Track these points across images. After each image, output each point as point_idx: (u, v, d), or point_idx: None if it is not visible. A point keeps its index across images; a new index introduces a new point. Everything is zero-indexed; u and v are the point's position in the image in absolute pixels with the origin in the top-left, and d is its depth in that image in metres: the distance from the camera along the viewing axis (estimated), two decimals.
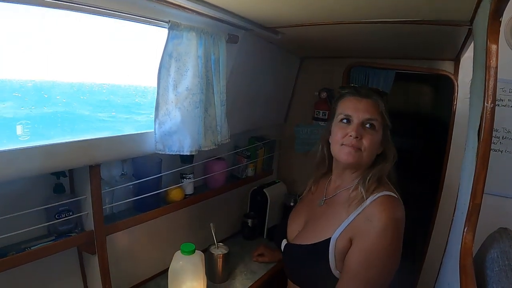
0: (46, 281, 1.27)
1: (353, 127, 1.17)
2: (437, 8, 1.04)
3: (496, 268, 0.89)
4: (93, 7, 0.99)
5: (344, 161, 1.19)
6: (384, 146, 1.23)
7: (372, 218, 1.08)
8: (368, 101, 1.20)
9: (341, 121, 1.22)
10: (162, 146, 1.35)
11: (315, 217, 1.28)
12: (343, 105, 1.24)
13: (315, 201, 1.35)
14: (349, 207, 1.16)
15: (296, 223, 1.35)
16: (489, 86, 0.81)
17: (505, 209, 1.79)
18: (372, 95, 1.22)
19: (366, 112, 1.18)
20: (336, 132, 1.22)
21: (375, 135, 1.18)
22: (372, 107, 1.19)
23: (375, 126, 1.18)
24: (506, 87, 1.78)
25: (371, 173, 1.18)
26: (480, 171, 0.84)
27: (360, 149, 1.16)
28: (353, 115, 1.18)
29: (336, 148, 1.22)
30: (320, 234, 1.17)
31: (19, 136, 1.05)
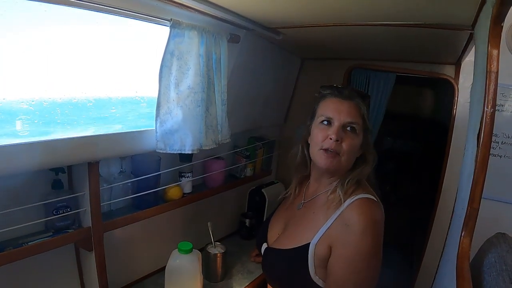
0: (42, 276, 1.27)
1: (334, 129, 1.13)
2: (439, 11, 1.04)
3: (493, 273, 0.89)
4: (95, 4, 0.99)
5: (322, 166, 1.16)
6: (364, 150, 1.20)
7: (349, 222, 1.06)
8: (350, 103, 1.17)
9: (321, 123, 1.18)
10: (163, 144, 1.34)
11: (294, 221, 1.26)
12: (324, 106, 1.21)
13: (295, 205, 1.32)
14: (327, 210, 1.13)
15: (276, 227, 1.32)
16: (490, 91, 0.81)
17: (503, 214, 1.80)
18: (355, 97, 1.18)
19: (348, 115, 1.14)
20: (316, 134, 1.18)
21: (356, 139, 1.15)
22: (354, 110, 1.16)
23: (356, 130, 1.15)
24: (506, 92, 1.79)
25: (350, 176, 1.15)
26: (479, 175, 0.84)
27: (339, 154, 1.13)
28: (334, 117, 1.15)
29: (314, 151, 1.19)
30: (299, 238, 1.15)
31: (18, 132, 1.05)
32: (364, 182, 1.17)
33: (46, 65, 1.10)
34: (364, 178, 1.18)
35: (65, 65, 1.15)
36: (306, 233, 1.14)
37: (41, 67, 1.09)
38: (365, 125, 1.18)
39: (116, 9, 1.05)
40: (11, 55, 1.01)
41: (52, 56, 1.10)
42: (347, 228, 1.06)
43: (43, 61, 1.09)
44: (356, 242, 1.04)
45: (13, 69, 1.03)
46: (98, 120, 1.36)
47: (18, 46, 1.02)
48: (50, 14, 0.98)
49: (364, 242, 1.04)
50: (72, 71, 1.18)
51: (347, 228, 1.06)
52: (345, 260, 1.05)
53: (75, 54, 1.16)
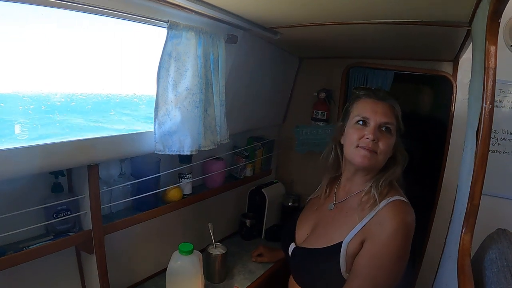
0: (44, 280, 1.27)
1: (370, 129, 1.15)
2: (436, 9, 1.04)
3: (494, 269, 0.90)
4: (92, 6, 0.98)
5: (359, 163, 1.17)
6: (396, 150, 1.22)
7: (384, 222, 1.08)
8: (385, 104, 1.19)
9: (357, 123, 1.20)
10: (162, 146, 1.34)
11: (325, 221, 1.27)
12: (359, 106, 1.22)
13: (325, 205, 1.33)
14: (361, 212, 1.15)
15: (304, 227, 1.33)
16: (488, 87, 0.82)
17: (503, 210, 1.80)
18: (389, 98, 1.21)
19: (384, 116, 1.17)
20: (351, 133, 1.20)
21: (391, 139, 1.17)
22: (389, 110, 1.19)
23: (391, 130, 1.18)
24: (504, 88, 1.79)
25: (384, 177, 1.17)
26: (479, 172, 0.84)
27: (376, 152, 1.15)
28: (371, 117, 1.17)
29: (350, 149, 1.20)
30: (331, 238, 1.17)
31: (17, 135, 1.04)
32: (395, 184, 1.19)
33: (45, 64, 1.10)
34: (396, 179, 1.20)
35: (64, 64, 1.16)
36: (339, 232, 1.16)
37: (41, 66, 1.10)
38: (399, 126, 1.20)
39: (113, 11, 1.04)
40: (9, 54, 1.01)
41: (50, 56, 1.11)
42: (381, 227, 1.08)
43: (41, 60, 1.09)
44: (386, 240, 1.06)
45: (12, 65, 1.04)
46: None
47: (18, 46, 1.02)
48: (47, 15, 0.98)
49: (394, 242, 1.06)
50: (72, 70, 1.19)
51: (380, 227, 1.08)
52: (372, 255, 1.07)
53: (73, 54, 1.17)
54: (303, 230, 1.33)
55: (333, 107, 2.27)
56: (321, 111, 2.23)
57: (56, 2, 0.91)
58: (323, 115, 2.23)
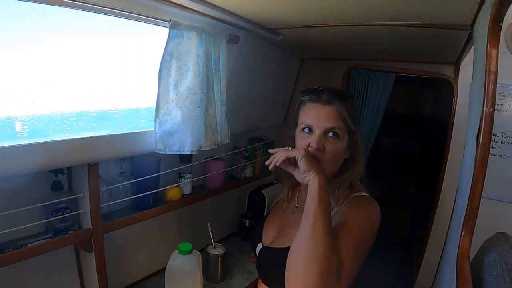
0: (42, 278, 1.27)
1: (315, 138, 1.10)
2: (438, 11, 1.04)
3: (494, 272, 0.89)
4: (95, 5, 0.99)
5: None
6: (352, 151, 1.17)
7: (348, 206, 1.07)
8: (330, 108, 1.13)
9: (302, 130, 1.16)
10: (162, 145, 1.34)
11: (288, 224, 1.24)
12: (304, 113, 1.18)
13: (288, 209, 1.31)
14: None
15: (271, 229, 1.31)
16: (489, 91, 0.82)
17: (503, 213, 1.80)
18: (335, 100, 1.14)
19: (328, 121, 1.11)
20: (298, 142, 1.16)
21: (339, 144, 1.12)
22: (335, 114, 1.12)
23: (339, 134, 1.12)
24: (505, 92, 1.79)
25: (340, 182, 1.13)
26: (479, 175, 0.84)
27: (321, 162, 1.10)
28: (314, 124, 1.12)
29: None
30: (293, 238, 1.12)
31: (17, 133, 1.04)
32: (357, 184, 1.16)
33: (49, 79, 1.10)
34: (356, 180, 1.16)
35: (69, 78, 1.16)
36: None
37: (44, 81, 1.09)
38: (349, 127, 1.14)
39: (116, 10, 1.05)
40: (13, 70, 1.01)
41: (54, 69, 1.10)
42: (347, 210, 1.06)
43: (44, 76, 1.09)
44: (355, 210, 1.05)
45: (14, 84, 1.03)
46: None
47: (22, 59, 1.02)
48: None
49: (363, 211, 1.05)
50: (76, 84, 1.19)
51: (346, 210, 1.06)
52: (343, 221, 1.03)
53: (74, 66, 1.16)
54: (269, 232, 1.31)
55: None
56: None
57: (59, 1, 0.92)
58: None
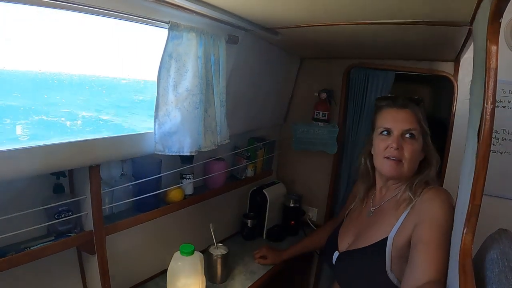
0: (45, 281, 1.27)
1: (394, 138, 1.21)
2: (437, 8, 1.04)
3: (496, 269, 0.89)
4: (92, 7, 0.99)
5: (387, 173, 1.23)
6: (426, 152, 1.25)
7: (427, 199, 1.13)
8: (406, 111, 1.24)
9: (381, 134, 1.26)
10: (161, 146, 1.34)
11: (366, 227, 1.30)
12: (381, 117, 1.28)
13: (364, 214, 1.37)
14: (399, 208, 1.20)
15: (347, 236, 1.36)
16: (489, 87, 0.81)
17: (504, 210, 1.79)
18: (409, 105, 1.26)
19: (405, 123, 1.22)
20: (377, 144, 1.26)
21: (416, 144, 1.22)
22: (410, 117, 1.23)
23: (415, 136, 1.22)
24: (506, 88, 1.78)
25: (418, 179, 1.21)
26: (480, 172, 0.84)
27: (401, 161, 1.20)
28: (393, 127, 1.23)
29: (378, 161, 1.27)
30: (374, 237, 1.20)
31: (18, 136, 1.05)
32: (432, 183, 1.22)
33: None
34: (431, 180, 1.22)
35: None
36: (382, 230, 1.19)
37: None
38: (423, 130, 1.24)
39: (114, 12, 1.05)
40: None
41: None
42: (427, 202, 1.13)
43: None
44: (438, 206, 1.10)
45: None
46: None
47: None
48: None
49: (445, 206, 1.09)
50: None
51: (427, 202, 1.13)
52: (429, 226, 1.07)
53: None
54: (345, 239, 1.36)
55: (334, 107, 2.27)
56: (322, 112, 2.23)
57: (56, 3, 0.92)
58: (324, 116, 2.23)
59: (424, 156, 1.26)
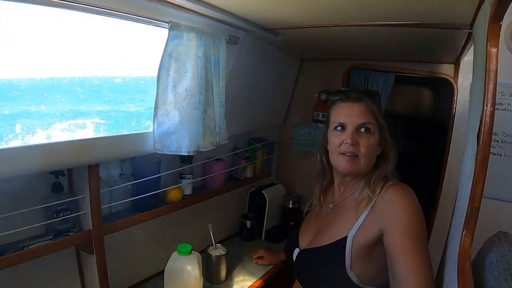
0: (43, 280, 1.27)
1: (348, 134, 1.17)
2: (437, 11, 1.04)
3: (495, 272, 0.89)
4: (93, 7, 0.99)
5: (343, 170, 1.20)
6: (383, 147, 1.22)
7: (389, 200, 1.10)
8: (360, 105, 1.20)
9: (335, 129, 1.22)
10: (160, 146, 1.35)
11: (325, 224, 1.27)
12: (335, 112, 1.24)
13: (323, 211, 1.34)
14: (358, 207, 1.16)
15: (307, 234, 1.34)
16: (489, 90, 0.81)
17: (504, 213, 1.79)
18: (363, 98, 1.21)
19: (359, 117, 1.18)
20: (332, 140, 1.22)
21: (372, 138, 1.18)
22: (365, 110, 1.19)
23: (371, 130, 1.18)
24: (505, 91, 1.78)
25: (375, 175, 1.18)
26: (479, 174, 0.84)
27: (357, 157, 1.16)
28: (347, 121, 1.18)
29: (334, 157, 1.23)
30: (334, 235, 1.17)
31: (17, 134, 1.05)
32: (391, 177, 1.19)
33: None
34: (389, 174, 1.19)
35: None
36: (341, 228, 1.17)
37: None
38: (379, 123, 1.20)
39: (115, 11, 1.05)
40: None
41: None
42: (390, 203, 1.09)
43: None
44: (404, 208, 1.07)
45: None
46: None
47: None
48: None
49: (411, 206, 1.07)
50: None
51: (389, 204, 1.09)
52: (401, 228, 1.05)
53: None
54: (306, 236, 1.34)
55: None
56: (322, 113, 2.23)
57: (57, 2, 0.92)
58: (324, 117, 2.23)
59: (382, 151, 1.23)
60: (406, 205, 1.07)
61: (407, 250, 1.01)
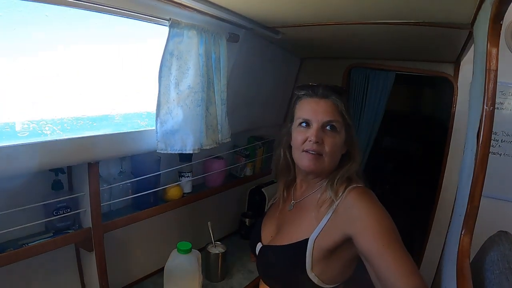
0: (43, 277, 1.27)
1: (313, 131, 1.10)
2: (438, 10, 1.04)
3: (496, 271, 0.89)
4: (95, 4, 0.99)
5: (306, 168, 1.14)
6: (348, 146, 1.17)
7: (351, 205, 1.05)
8: (326, 101, 1.13)
9: (300, 125, 1.15)
10: (164, 145, 1.34)
11: (287, 221, 1.24)
12: (300, 108, 1.18)
13: (285, 207, 1.30)
14: (320, 209, 1.12)
15: (269, 228, 1.30)
16: (489, 89, 0.81)
17: (503, 212, 1.80)
18: (331, 94, 1.14)
19: (325, 114, 1.11)
20: (296, 137, 1.16)
21: (337, 137, 1.12)
22: (331, 108, 1.13)
23: (337, 128, 1.12)
24: (505, 90, 1.79)
25: (338, 175, 1.13)
26: (479, 173, 0.84)
27: (321, 155, 1.11)
28: (312, 118, 1.12)
29: (297, 154, 1.16)
30: (295, 235, 1.14)
31: (18, 132, 1.04)
32: (354, 178, 1.15)
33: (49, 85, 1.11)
34: (353, 174, 1.15)
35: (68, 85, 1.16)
36: (302, 229, 1.13)
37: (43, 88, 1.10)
38: (346, 122, 1.14)
39: (115, 9, 1.04)
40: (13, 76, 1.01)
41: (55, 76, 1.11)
42: (352, 208, 1.05)
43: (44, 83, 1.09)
44: (368, 211, 1.03)
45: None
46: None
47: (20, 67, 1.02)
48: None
49: (375, 208, 1.03)
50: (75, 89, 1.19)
51: (352, 209, 1.05)
52: (372, 230, 1.01)
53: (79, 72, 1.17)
54: (268, 231, 1.30)
55: None
56: None
57: (61, 0, 0.92)
58: None
59: (347, 150, 1.18)
60: (372, 209, 1.03)
61: (385, 252, 0.97)
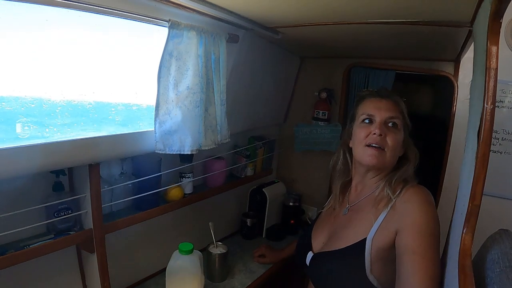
0: (45, 279, 1.27)
1: (376, 125, 1.17)
2: (437, 9, 1.04)
3: (497, 269, 0.89)
4: (94, 6, 0.99)
5: (368, 162, 1.17)
6: (406, 148, 1.22)
7: (407, 200, 1.09)
8: (388, 100, 1.22)
9: (363, 122, 1.22)
10: (162, 145, 1.34)
11: (342, 226, 1.24)
12: (364, 106, 1.24)
13: (340, 212, 1.31)
14: (377, 207, 1.15)
15: (320, 236, 1.30)
16: (489, 87, 0.81)
17: (504, 210, 1.80)
18: (392, 95, 1.24)
19: (388, 111, 1.19)
20: (359, 133, 1.21)
21: (398, 134, 1.18)
22: (393, 106, 1.21)
23: (398, 125, 1.19)
24: (506, 89, 1.79)
25: (396, 176, 1.17)
26: (480, 172, 0.84)
27: (384, 149, 1.16)
28: (376, 114, 1.19)
29: (359, 149, 1.21)
30: (352, 237, 1.14)
31: (18, 134, 1.04)
32: (410, 179, 1.18)
33: (47, 66, 1.10)
34: (409, 177, 1.19)
35: (66, 67, 1.16)
36: (360, 230, 1.14)
37: (42, 68, 1.09)
38: (405, 122, 1.22)
39: (114, 10, 1.04)
40: (12, 55, 1.01)
41: (54, 57, 1.11)
42: (407, 204, 1.08)
43: (44, 62, 1.09)
44: (420, 209, 1.06)
45: (13, 68, 1.03)
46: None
47: (18, 47, 1.02)
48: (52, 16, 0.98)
49: (427, 208, 1.06)
50: (74, 73, 1.19)
51: (407, 204, 1.08)
52: (414, 229, 1.04)
53: (77, 56, 1.17)
54: (319, 239, 1.30)
55: (334, 106, 2.27)
56: (322, 111, 2.23)
57: (59, 2, 0.92)
58: (324, 115, 2.23)
59: (404, 152, 1.22)
60: (423, 207, 1.06)
61: (417, 252, 1.01)
